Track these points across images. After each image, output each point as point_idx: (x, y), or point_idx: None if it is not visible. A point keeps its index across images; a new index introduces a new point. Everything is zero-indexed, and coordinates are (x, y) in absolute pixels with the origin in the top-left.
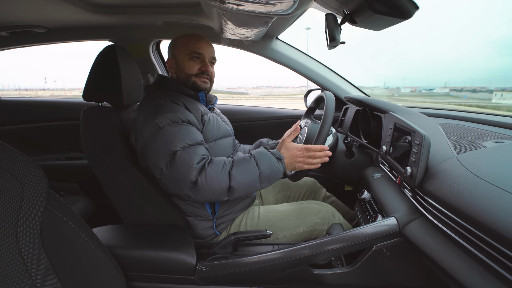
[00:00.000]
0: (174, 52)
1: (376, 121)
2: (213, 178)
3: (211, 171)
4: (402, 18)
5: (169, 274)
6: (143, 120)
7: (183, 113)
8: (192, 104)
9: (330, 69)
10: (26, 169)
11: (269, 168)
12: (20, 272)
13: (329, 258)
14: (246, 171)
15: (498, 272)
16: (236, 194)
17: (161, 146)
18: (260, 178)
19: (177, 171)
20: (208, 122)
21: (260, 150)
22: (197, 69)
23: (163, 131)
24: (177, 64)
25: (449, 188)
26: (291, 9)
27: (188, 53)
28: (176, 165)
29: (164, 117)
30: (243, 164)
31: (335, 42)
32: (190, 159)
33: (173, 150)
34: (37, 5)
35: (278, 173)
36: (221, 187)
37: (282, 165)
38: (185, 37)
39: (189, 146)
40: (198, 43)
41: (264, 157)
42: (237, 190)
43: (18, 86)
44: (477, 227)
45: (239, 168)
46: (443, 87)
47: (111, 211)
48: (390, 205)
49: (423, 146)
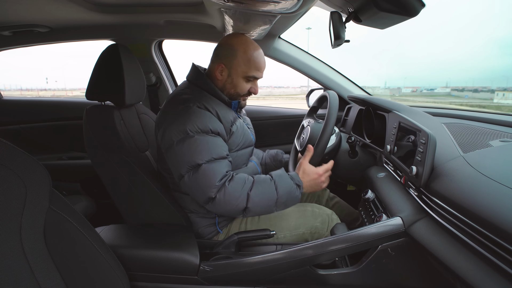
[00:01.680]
0: (232, 63)
1: (380, 121)
2: (231, 197)
3: (230, 189)
4: (408, 16)
5: (172, 274)
6: (172, 121)
7: (214, 123)
8: (224, 111)
9: (333, 69)
10: (29, 168)
11: (288, 194)
12: (24, 271)
13: (334, 258)
14: (265, 194)
15: (507, 272)
16: (250, 214)
17: (187, 155)
18: (277, 203)
19: (198, 184)
20: (236, 132)
21: (281, 174)
22: (247, 90)
23: (192, 140)
24: (230, 77)
25: (456, 187)
26: (295, 7)
27: (246, 75)
28: (198, 177)
29: (194, 125)
30: (262, 186)
31: (339, 40)
32: (213, 175)
33: (198, 163)
34: (40, 5)
35: (295, 200)
36: (237, 207)
37: (300, 190)
38: (248, 54)
39: (214, 160)
40: (260, 66)
41: (284, 182)
42: (253, 211)
43: (20, 86)
44: (485, 226)
45: (258, 191)
46: (445, 87)
47: (113, 211)
48: (395, 205)
49: (429, 145)
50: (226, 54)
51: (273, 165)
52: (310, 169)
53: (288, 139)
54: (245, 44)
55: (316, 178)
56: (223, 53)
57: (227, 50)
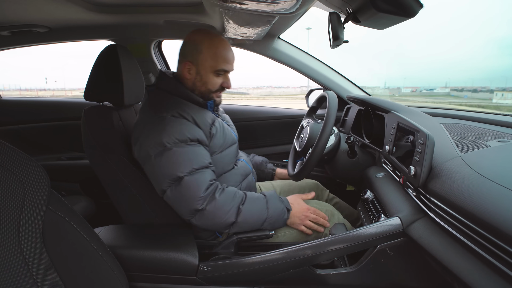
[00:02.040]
0: (198, 59)
1: (379, 121)
2: (222, 210)
3: (221, 201)
4: (406, 17)
5: (171, 274)
6: (148, 133)
7: (191, 130)
8: (200, 115)
9: (332, 69)
10: (27, 169)
11: (277, 215)
12: (22, 272)
13: (332, 258)
14: (256, 211)
15: (504, 273)
16: (236, 230)
17: (167, 168)
18: (266, 222)
19: (183, 197)
20: (216, 134)
21: (272, 194)
22: (219, 85)
23: (170, 152)
24: (199, 75)
25: (454, 187)
26: (294, 7)
27: (214, 69)
28: (182, 190)
29: (171, 136)
30: (255, 202)
31: (338, 41)
32: (197, 186)
33: (179, 175)
34: (39, 5)
35: (281, 223)
36: (226, 220)
37: (288, 215)
38: (214, 47)
39: (196, 170)
40: (227, 58)
41: (275, 202)
42: (240, 226)
43: (19, 86)
44: (482, 226)
45: (250, 206)
46: (444, 87)
47: (113, 211)
48: (393, 205)
49: (427, 146)
50: (191, 51)
51: (256, 173)
52: (302, 203)
53: (288, 139)
54: (209, 37)
55: (304, 211)
56: (188, 50)
57: (191, 47)
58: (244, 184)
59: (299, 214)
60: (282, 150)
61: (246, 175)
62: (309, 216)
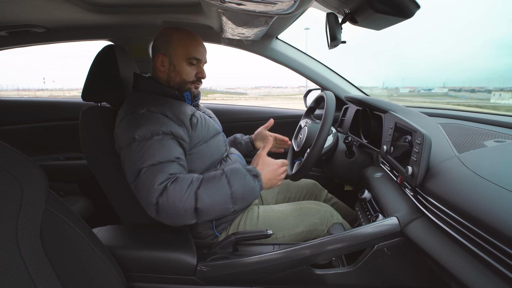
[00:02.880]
0: (169, 50)
1: (376, 121)
2: (176, 199)
3: (173, 191)
4: (403, 17)
5: (169, 274)
6: (122, 129)
7: (165, 124)
8: (178, 108)
9: (330, 69)
10: (26, 169)
11: (243, 187)
12: (20, 273)
13: (330, 258)
14: (216, 191)
15: (500, 272)
16: (205, 217)
17: (131, 161)
18: (233, 198)
19: (140, 190)
20: (197, 124)
21: (233, 167)
22: (194, 76)
23: (135, 145)
24: (172, 65)
25: (451, 187)
26: (292, 8)
27: (187, 58)
28: (139, 185)
29: (143, 129)
30: (212, 183)
31: (336, 41)
32: (153, 179)
33: (139, 168)
34: (36, 5)
35: (253, 193)
36: (184, 209)
37: (260, 183)
38: (184, 37)
39: (158, 163)
40: (198, 47)
41: (237, 174)
42: (205, 212)
43: (17, 86)
44: (479, 226)
45: (208, 188)
46: (442, 87)
47: (111, 212)
48: (391, 205)
49: (424, 146)
50: (162, 43)
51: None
52: (270, 160)
53: None
54: (178, 30)
55: (276, 169)
56: (159, 43)
57: (162, 39)
58: None
59: (272, 176)
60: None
61: None
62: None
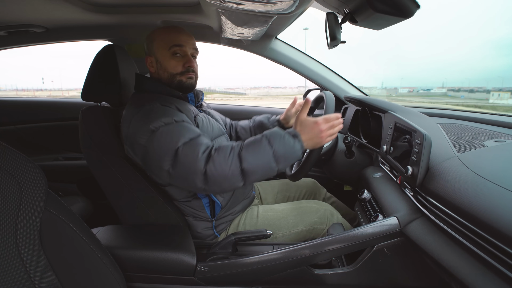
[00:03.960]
0: (153, 48)
1: (376, 121)
2: (222, 163)
3: (218, 157)
4: (403, 17)
5: (169, 274)
6: (134, 126)
7: (176, 114)
8: (183, 106)
9: (329, 69)
10: (25, 169)
11: (283, 146)
12: (19, 273)
13: (330, 258)
14: (258, 151)
15: (500, 271)
16: (252, 177)
17: (161, 148)
18: (275, 157)
19: (184, 167)
20: (202, 124)
21: (272, 130)
22: (181, 67)
23: (158, 133)
24: (158, 62)
25: (451, 187)
26: (291, 8)
27: (168, 48)
28: (181, 161)
29: (157, 121)
30: (253, 144)
31: (335, 41)
32: (194, 150)
33: (174, 149)
34: (36, 4)
35: (295, 151)
36: (232, 172)
37: (300, 142)
38: (163, 30)
39: (190, 140)
40: (178, 35)
41: (276, 135)
42: (251, 172)
43: (16, 86)
44: (479, 225)
45: (250, 149)
46: (441, 87)
47: (110, 212)
48: (390, 205)
49: (424, 146)
50: (147, 45)
51: None
52: (307, 120)
53: None
54: (160, 29)
55: (314, 127)
56: (146, 46)
57: (147, 42)
58: None
59: (312, 135)
60: None
61: None
62: (324, 129)
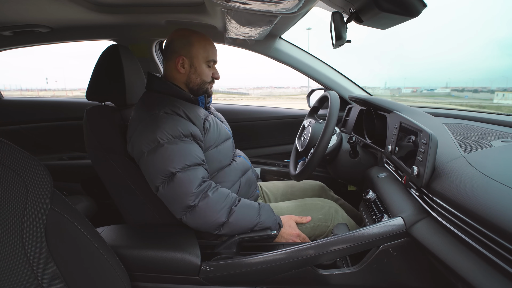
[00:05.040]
0: (191, 52)
1: (381, 121)
2: (214, 208)
3: (213, 199)
4: (409, 16)
5: (173, 274)
6: (141, 131)
7: (184, 126)
8: (193, 111)
9: (333, 69)
10: (30, 168)
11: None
12: (25, 272)
13: (335, 258)
14: (248, 213)
15: (508, 273)
16: (226, 231)
17: (160, 164)
18: (256, 226)
19: (175, 193)
20: (209, 128)
21: (267, 205)
22: (210, 77)
23: (163, 149)
24: (193, 67)
25: (458, 187)
26: (297, 7)
27: (206, 60)
28: (174, 186)
29: (164, 132)
30: (248, 207)
31: (341, 40)
32: (190, 183)
33: (172, 171)
34: (41, 5)
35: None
36: (217, 219)
37: (278, 230)
38: (203, 40)
39: (188, 167)
40: (215, 50)
41: (268, 212)
42: (230, 228)
43: (20, 86)
44: (486, 226)
45: (243, 208)
46: (445, 87)
47: (114, 211)
48: (396, 205)
49: (430, 146)
50: (182, 46)
51: None
52: (294, 226)
53: (288, 139)
54: (195, 32)
55: (293, 235)
56: (179, 45)
57: (182, 42)
58: (244, 179)
59: (287, 236)
60: (282, 150)
61: (245, 170)
62: (296, 236)
